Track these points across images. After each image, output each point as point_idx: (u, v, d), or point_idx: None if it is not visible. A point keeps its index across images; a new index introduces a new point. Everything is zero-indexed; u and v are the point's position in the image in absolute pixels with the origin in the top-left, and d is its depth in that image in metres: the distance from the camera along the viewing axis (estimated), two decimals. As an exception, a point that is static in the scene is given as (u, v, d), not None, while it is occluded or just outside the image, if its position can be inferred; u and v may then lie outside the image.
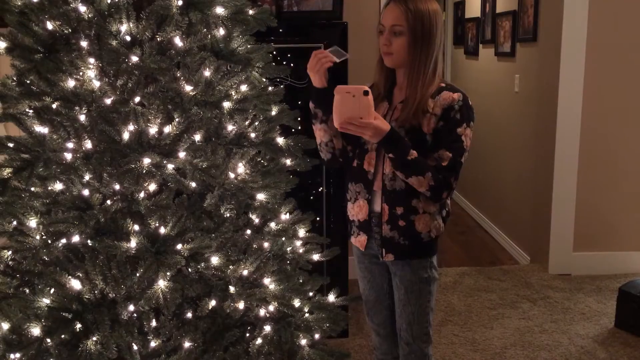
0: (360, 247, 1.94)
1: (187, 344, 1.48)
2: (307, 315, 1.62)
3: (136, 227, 1.40)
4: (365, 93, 1.61)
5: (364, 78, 2.15)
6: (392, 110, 1.83)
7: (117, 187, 1.41)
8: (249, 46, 1.55)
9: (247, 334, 1.58)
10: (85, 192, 1.41)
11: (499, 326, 3.17)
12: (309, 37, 2.87)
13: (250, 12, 1.56)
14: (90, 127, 1.40)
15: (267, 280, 1.55)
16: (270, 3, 2.93)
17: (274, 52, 1.66)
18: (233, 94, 1.51)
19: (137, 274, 1.36)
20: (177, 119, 1.41)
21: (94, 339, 1.32)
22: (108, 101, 1.38)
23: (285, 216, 1.71)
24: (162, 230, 1.40)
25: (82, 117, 1.40)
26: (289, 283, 1.57)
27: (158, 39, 1.39)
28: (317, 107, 1.84)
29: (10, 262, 1.50)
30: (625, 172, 3.81)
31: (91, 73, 1.40)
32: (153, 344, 1.46)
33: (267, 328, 1.55)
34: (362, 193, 1.86)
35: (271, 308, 1.55)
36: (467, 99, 1.78)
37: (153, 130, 1.39)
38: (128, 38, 1.37)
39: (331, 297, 1.74)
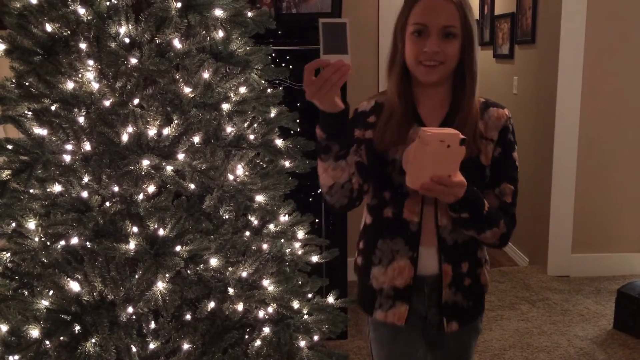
0: (396, 322, 1.51)
1: (186, 346, 1.48)
2: (306, 316, 1.62)
3: (135, 229, 1.40)
4: (462, 142, 1.22)
5: (364, 81, 2.14)
6: None
7: (116, 189, 1.41)
8: (247, 48, 1.55)
9: (246, 336, 1.58)
10: (84, 194, 1.41)
11: (497, 328, 3.17)
12: (307, 39, 2.88)
13: (249, 14, 1.56)
14: (89, 129, 1.40)
15: (266, 282, 1.55)
16: (269, 5, 2.93)
17: (273, 54, 1.66)
18: (232, 95, 1.51)
19: (136, 276, 1.36)
20: (176, 121, 1.41)
21: (93, 340, 1.32)
22: (107, 103, 1.38)
23: (284, 218, 1.71)
24: (161, 232, 1.40)
25: (81, 119, 1.40)
26: (288, 285, 1.57)
27: (157, 41, 1.39)
28: (331, 137, 1.32)
29: (9, 264, 1.49)
30: (623, 174, 3.81)
31: (90, 75, 1.40)
32: (152, 345, 1.46)
33: (266, 330, 1.55)
34: (402, 251, 1.48)
35: (270, 310, 1.55)
36: None
37: (152, 132, 1.39)
38: (127, 40, 1.37)
39: (330, 299, 1.74)
